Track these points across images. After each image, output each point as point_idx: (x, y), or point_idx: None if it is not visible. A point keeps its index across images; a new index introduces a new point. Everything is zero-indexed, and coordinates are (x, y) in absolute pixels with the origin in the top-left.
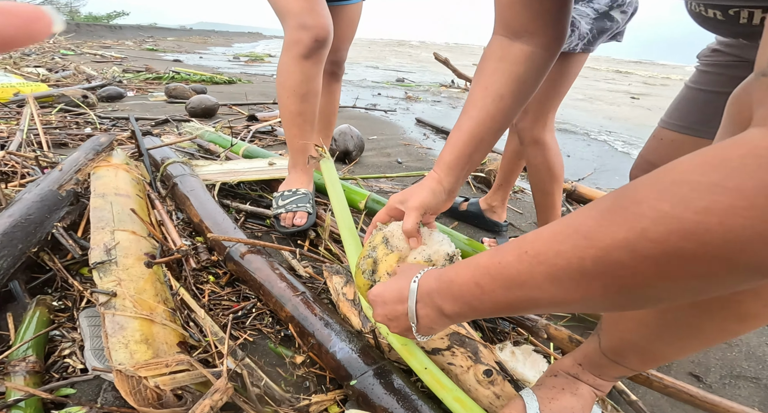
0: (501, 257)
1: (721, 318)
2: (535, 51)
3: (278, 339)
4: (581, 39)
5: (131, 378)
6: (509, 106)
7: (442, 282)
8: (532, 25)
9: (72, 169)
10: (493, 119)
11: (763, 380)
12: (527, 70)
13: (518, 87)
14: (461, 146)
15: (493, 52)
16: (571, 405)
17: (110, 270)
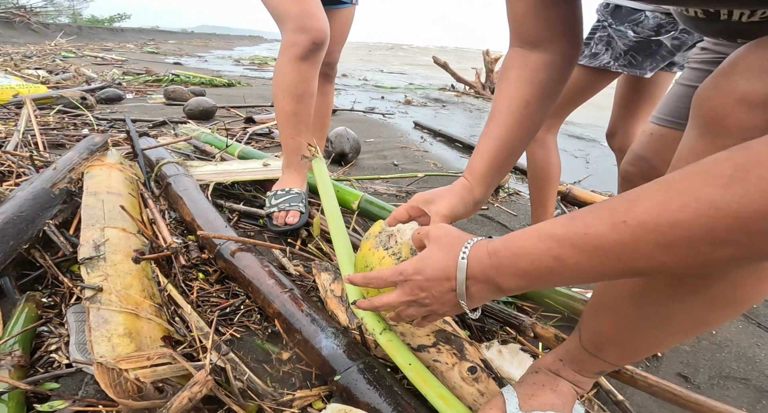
0: (585, 227)
1: (691, 304)
2: (553, 58)
3: (265, 335)
4: (615, 58)
5: (111, 370)
6: (535, 112)
7: (501, 258)
8: (546, 35)
9: (66, 167)
10: (521, 125)
11: (753, 381)
12: (548, 76)
13: (541, 93)
14: (493, 153)
15: (512, 62)
16: (550, 401)
17: (98, 266)
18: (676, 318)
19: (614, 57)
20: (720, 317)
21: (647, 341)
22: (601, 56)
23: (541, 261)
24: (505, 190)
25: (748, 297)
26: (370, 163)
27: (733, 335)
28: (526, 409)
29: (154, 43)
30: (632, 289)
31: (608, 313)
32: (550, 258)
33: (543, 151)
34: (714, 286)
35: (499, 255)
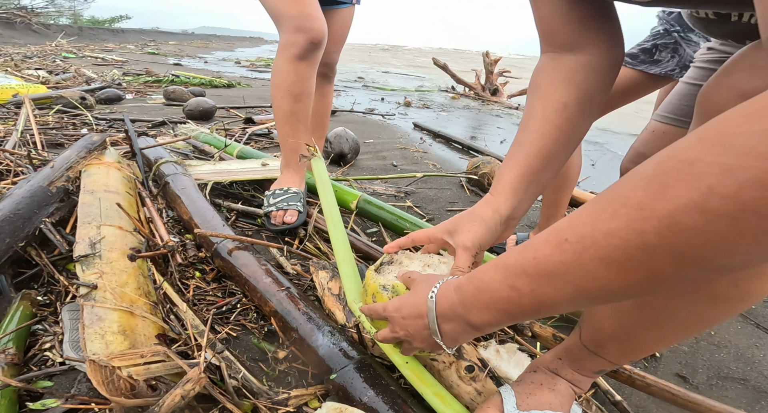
0: (535, 252)
1: (693, 301)
2: (591, 60)
3: (262, 334)
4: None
5: (104, 368)
6: (575, 115)
7: (465, 293)
8: (578, 36)
9: (63, 166)
10: (559, 129)
11: (751, 381)
12: (587, 77)
13: (581, 95)
14: (524, 161)
15: (543, 67)
16: (548, 400)
17: (93, 264)
18: (678, 315)
19: (681, 65)
20: (722, 314)
21: (648, 339)
22: (665, 63)
23: (500, 292)
24: None
25: (752, 294)
26: (369, 164)
27: (732, 335)
28: (524, 408)
29: (154, 44)
30: None
31: (609, 311)
32: (507, 288)
33: None
34: (716, 282)
35: (463, 291)
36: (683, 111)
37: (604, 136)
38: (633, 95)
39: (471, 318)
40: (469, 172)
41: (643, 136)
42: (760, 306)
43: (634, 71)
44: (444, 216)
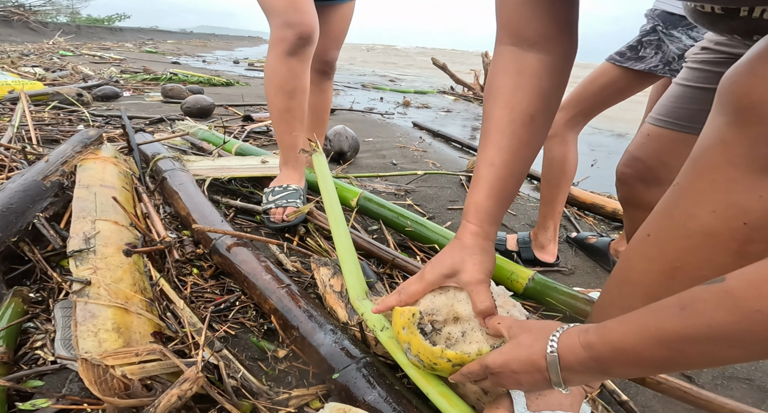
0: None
1: None
2: (554, 61)
3: (261, 332)
4: (665, 63)
5: (97, 366)
6: (540, 127)
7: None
8: (547, 30)
9: (58, 160)
10: (527, 146)
11: (756, 381)
12: (551, 83)
13: (546, 104)
14: (501, 185)
15: (506, 66)
16: (558, 401)
17: (87, 259)
18: None
19: (664, 61)
20: None
21: None
22: (649, 59)
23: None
24: None
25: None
26: (369, 162)
27: None
28: (534, 409)
29: (152, 43)
30: (648, 287)
31: (620, 312)
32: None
33: (562, 147)
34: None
35: (595, 349)
36: (678, 114)
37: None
38: (621, 94)
39: (608, 371)
40: (470, 171)
41: (638, 139)
42: None
43: (620, 69)
44: (444, 214)
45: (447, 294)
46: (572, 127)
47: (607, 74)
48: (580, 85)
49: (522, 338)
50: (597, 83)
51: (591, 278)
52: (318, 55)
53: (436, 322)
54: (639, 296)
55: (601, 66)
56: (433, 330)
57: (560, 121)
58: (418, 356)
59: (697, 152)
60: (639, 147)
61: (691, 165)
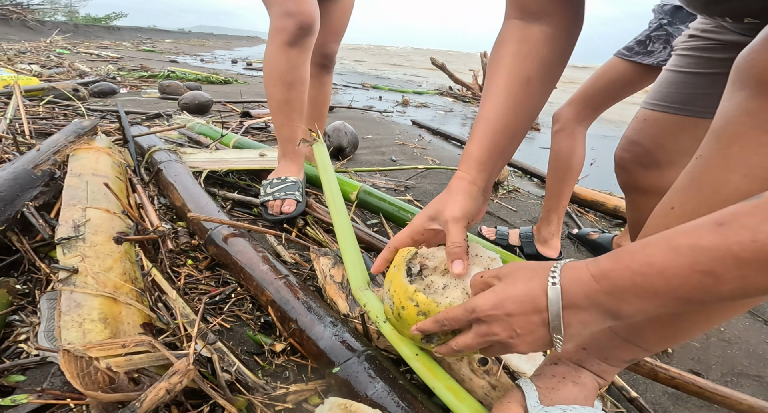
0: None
1: None
2: (555, 32)
3: (258, 325)
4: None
5: (80, 358)
6: (537, 90)
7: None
8: (550, 5)
9: (50, 149)
10: (522, 105)
11: (765, 378)
12: (551, 51)
13: (544, 70)
14: (493, 137)
15: (510, 34)
16: (573, 395)
17: (75, 247)
18: None
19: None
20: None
21: (695, 320)
22: (658, 54)
23: (684, 278)
24: (505, 186)
25: None
26: (368, 159)
27: (741, 332)
28: (548, 403)
29: (150, 42)
30: None
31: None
32: (699, 274)
33: (570, 141)
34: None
35: (610, 278)
36: (672, 97)
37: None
38: (630, 87)
39: (621, 307)
40: None
41: (634, 124)
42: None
43: (629, 63)
44: None
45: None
46: (581, 121)
47: (616, 68)
48: (588, 80)
49: (518, 274)
50: (605, 78)
51: None
52: (317, 48)
53: (425, 268)
54: None
55: (610, 61)
56: (420, 273)
57: (569, 115)
58: (392, 298)
59: (719, 124)
60: (636, 131)
61: (714, 136)
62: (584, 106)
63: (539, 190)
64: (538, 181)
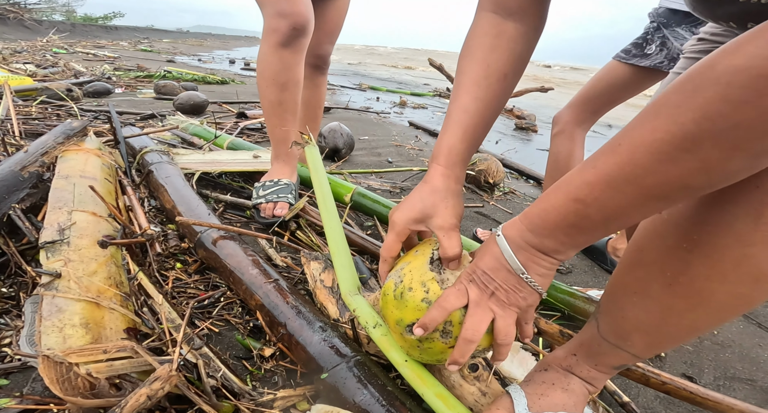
0: (594, 162)
1: (733, 280)
2: (527, 31)
3: (247, 330)
4: (670, 59)
5: (59, 364)
6: (510, 86)
7: (532, 219)
8: (526, 4)
9: (38, 151)
10: (497, 99)
11: (759, 382)
12: (523, 49)
13: (517, 67)
14: (474, 130)
15: (486, 28)
16: (562, 401)
17: (60, 251)
18: (715, 297)
19: (669, 58)
20: (764, 294)
21: (681, 326)
22: (654, 56)
23: (566, 207)
24: (501, 188)
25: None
26: (364, 160)
27: (735, 335)
28: (536, 410)
29: (148, 42)
30: (664, 267)
31: (634, 298)
32: (572, 202)
33: (569, 144)
34: (759, 256)
35: (529, 216)
36: None
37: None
38: (628, 90)
39: (545, 244)
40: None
41: None
42: (762, 306)
43: (626, 66)
44: None
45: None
46: (580, 124)
47: (614, 71)
48: (587, 84)
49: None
50: (604, 81)
51: (589, 277)
52: (312, 49)
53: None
54: (655, 276)
55: (608, 64)
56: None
57: (568, 118)
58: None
59: None
60: None
61: None
62: (583, 108)
63: (535, 191)
64: (534, 183)
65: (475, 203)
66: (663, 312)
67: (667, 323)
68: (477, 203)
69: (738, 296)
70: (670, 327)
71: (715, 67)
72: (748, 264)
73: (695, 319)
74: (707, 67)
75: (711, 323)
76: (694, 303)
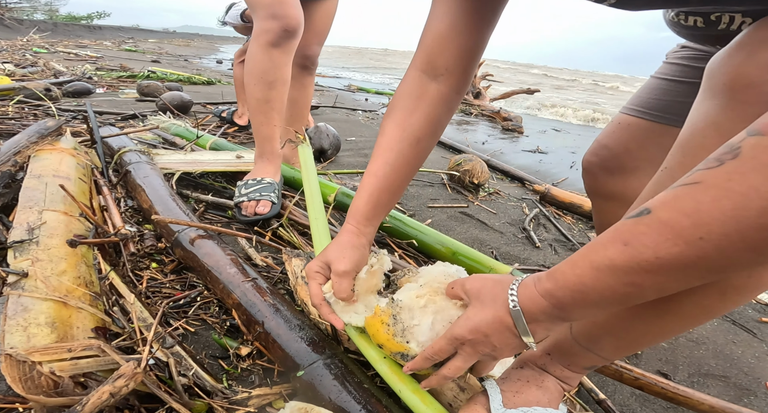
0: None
1: (702, 292)
2: (449, 94)
3: (224, 329)
4: None
5: (22, 363)
6: (424, 149)
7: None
8: (454, 65)
9: (11, 150)
10: (409, 164)
11: (732, 378)
12: (441, 113)
13: (433, 130)
14: (379, 194)
15: (410, 89)
16: (536, 398)
17: (28, 250)
18: (682, 308)
19: None
20: (731, 304)
21: (647, 332)
22: None
23: (613, 293)
24: (486, 189)
25: (764, 282)
26: (350, 161)
27: (710, 332)
28: (511, 406)
29: (132, 42)
30: None
31: None
32: (623, 286)
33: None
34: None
35: (555, 296)
36: (650, 104)
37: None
38: None
39: (570, 315)
40: (451, 169)
41: (608, 128)
42: None
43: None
44: (425, 212)
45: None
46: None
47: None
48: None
49: (483, 296)
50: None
51: None
52: (300, 50)
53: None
54: None
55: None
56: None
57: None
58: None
59: (685, 136)
60: (608, 135)
61: (680, 148)
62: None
63: (519, 192)
64: (518, 184)
65: (459, 203)
66: (631, 319)
67: (635, 329)
68: (462, 203)
69: (704, 307)
70: (637, 332)
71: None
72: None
73: (662, 326)
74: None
75: (677, 330)
76: (662, 312)
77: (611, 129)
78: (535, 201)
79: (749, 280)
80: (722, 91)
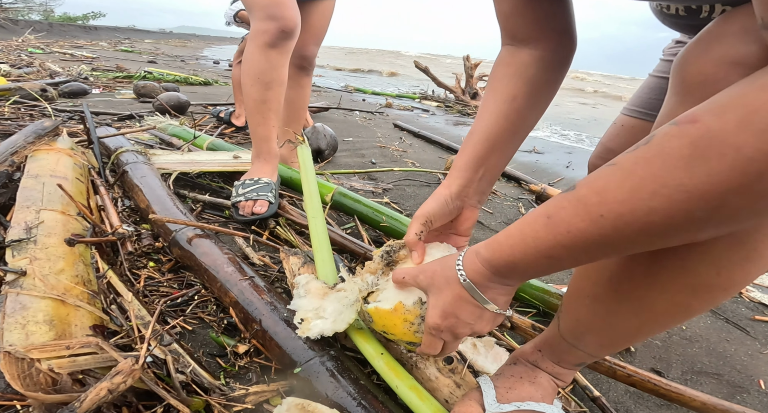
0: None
1: (672, 290)
2: (544, 55)
3: (221, 327)
4: None
5: (21, 360)
6: (523, 106)
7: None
8: (535, 33)
9: (8, 150)
10: (506, 118)
11: (725, 376)
12: (538, 72)
13: (530, 88)
14: (472, 147)
15: (501, 60)
16: (529, 394)
17: (26, 249)
18: (656, 304)
19: None
20: (705, 303)
21: (627, 330)
22: None
23: (537, 261)
24: None
25: (735, 281)
26: (347, 161)
27: (703, 330)
28: (504, 401)
29: (129, 42)
30: (611, 275)
31: (587, 300)
32: (544, 258)
33: None
34: (697, 270)
35: (494, 265)
36: (651, 104)
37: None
38: None
39: (509, 282)
40: (448, 169)
41: (611, 130)
42: (729, 301)
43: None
44: None
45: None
46: None
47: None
48: None
49: (437, 282)
50: None
51: (564, 274)
52: (297, 50)
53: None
54: (604, 281)
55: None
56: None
57: None
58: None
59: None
60: (612, 138)
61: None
62: None
63: (516, 191)
64: (514, 184)
65: None
66: (610, 316)
67: (614, 326)
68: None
69: (678, 305)
70: (616, 330)
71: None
72: (686, 275)
73: (639, 324)
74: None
75: (654, 328)
76: (637, 310)
77: (614, 131)
78: (531, 201)
79: (719, 278)
80: (681, 86)
